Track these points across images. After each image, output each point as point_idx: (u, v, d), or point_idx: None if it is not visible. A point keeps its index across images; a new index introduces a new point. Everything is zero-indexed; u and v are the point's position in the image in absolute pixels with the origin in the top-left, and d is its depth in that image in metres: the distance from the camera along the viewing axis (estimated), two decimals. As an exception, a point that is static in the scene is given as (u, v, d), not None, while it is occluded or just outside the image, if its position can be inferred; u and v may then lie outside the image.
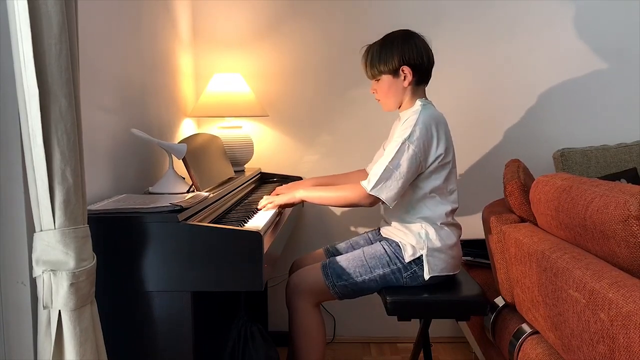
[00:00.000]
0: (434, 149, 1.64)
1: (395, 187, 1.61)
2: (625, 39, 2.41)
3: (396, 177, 1.60)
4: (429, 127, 1.63)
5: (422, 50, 1.72)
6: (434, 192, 1.69)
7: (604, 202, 1.14)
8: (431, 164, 1.65)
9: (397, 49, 1.71)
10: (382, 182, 1.61)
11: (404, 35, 1.74)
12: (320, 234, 2.50)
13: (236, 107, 2.26)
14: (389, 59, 1.71)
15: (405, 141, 1.61)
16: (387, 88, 1.75)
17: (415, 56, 1.71)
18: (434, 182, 1.68)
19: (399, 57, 1.70)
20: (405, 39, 1.73)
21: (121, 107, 1.65)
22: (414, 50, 1.71)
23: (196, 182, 1.62)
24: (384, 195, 1.61)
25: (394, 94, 1.75)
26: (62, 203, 1.01)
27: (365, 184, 1.63)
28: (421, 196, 1.69)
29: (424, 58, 1.73)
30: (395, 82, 1.74)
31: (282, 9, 2.45)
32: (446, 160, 1.68)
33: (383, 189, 1.61)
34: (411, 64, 1.71)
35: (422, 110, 1.68)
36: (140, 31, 1.85)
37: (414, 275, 1.68)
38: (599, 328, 1.03)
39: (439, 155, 1.65)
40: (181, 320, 1.27)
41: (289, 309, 1.73)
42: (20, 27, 0.96)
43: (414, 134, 1.61)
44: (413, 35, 1.75)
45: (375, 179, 1.61)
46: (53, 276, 1.02)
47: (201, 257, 1.25)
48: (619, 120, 2.44)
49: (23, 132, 1.00)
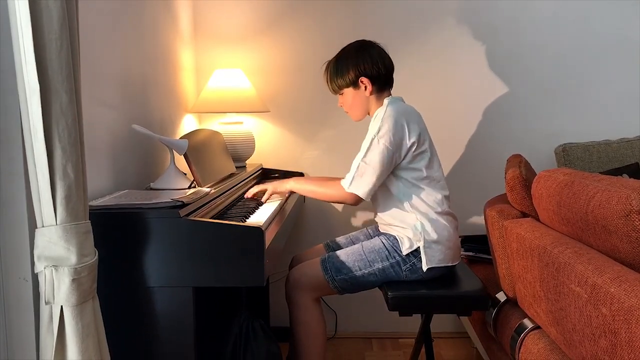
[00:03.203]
0: (406, 140, 1.67)
1: (370, 182, 1.66)
2: (628, 34, 2.40)
3: (369, 172, 1.65)
4: (397, 119, 1.67)
5: (376, 59, 1.77)
6: (419, 181, 1.71)
7: (605, 197, 1.13)
8: (406, 154, 1.68)
9: (351, 62, 1.76)
10: (357, 178, 1.67)
11: (357, 47, 1.80)
12: (320, 229, 2.51)
13: (237, 102, 2.26)
14: (344, 73, 1.77)
15: (375, 136, 1.66)
16: (351, 100, 1.81)
17: (370, 66, 1.75)
18: (415, 172, 1.71)
19: (354, 70, 1.76)
20: (359, 51, 1.78)
21: (122, 102, 1.65)
22: (368, 60, 1.76)
23: (197, 177, 1.62)
24: (360, 191, 1.67)
25: (359, 104, 1.81)
26: (64, 199, 1.01)
27: (344, 183, 1.69)
28: (408, 187, 1.71)
29: (380, 66, 1.76)
30: (357, 93, 1.79)
31: (282, 4, 2.44)
32: (421, 149, 1.70)
33: (359, 185, 1.67)
34: (367, 74, 1.75)
35: (389, 105, 1.72)
36: (141, 27, 1.84)
37: (413, 268, 1.69)
38: (601, 323, 1.03)
39: (411, 145, 1.67)
40: (183, 315, 1.27)
41: (289, 304, 1.74)
42: (21, 23, 0.95)
43: (382, 128, 1.66)
44: (367, 46, 1.79)
45: (350, 177, 1.68)
46: (55, 272, 1.02)
47: (203, 252, 1.25)
48: (621, 115, 2.43)
49: (24, 128, 1.00)
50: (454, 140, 2.46)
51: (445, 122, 2.42)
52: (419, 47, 2.42)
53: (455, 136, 2.45)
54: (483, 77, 2.44)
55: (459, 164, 2.48)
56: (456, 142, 2.46)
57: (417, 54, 2.44)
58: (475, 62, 2.43)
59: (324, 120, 2.49)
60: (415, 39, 2.42)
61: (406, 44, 2.43)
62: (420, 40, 2.43)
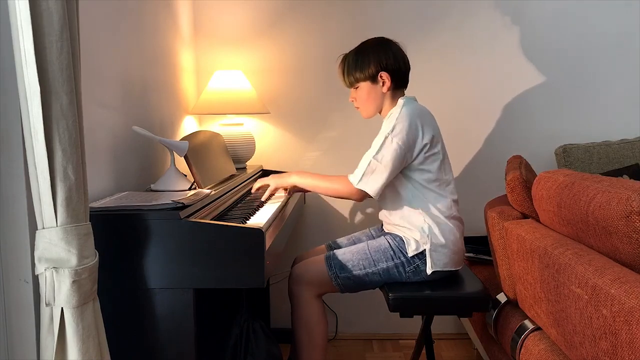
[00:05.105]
0: (419, 141, 1.66)
1: (380, 180, 1.64)
2: (628, 35, 2.40)
3: (380, 170, 1.64)
4: (412, 119, 1.66)
5: (398, 56, 1.76)
6: (430, 184, 1.70)
7: (606, 198, 1.13)
8: (417, 155, 1.67)
9: (373, 55, 1.75)
10: (367, 175, 1.65)
11: (379, 42, 1.79)
12: (322, 230, 2.51)
13: (237, 104, 2.26)
14: (365, 66, 1.75)
15: (389, 135, 1.64)
16: (366, 95, 1.78)
17: (392, 62, 1.75)
18: (426, 174, 1.69)
19: (376, 64, 1.74)
20: (381, 46, 1.77)
21: (122, 104, 1.65)
22: (390, 56, 1.75)
23: (198, 179, 1.62)
24: (369, 188, 1.65)
25: (373, 100, 1.79)
26: (64, 200, 1.01)
27: (352, 178, 1.67)
28: (418, 189, 1.70)
29: (400, 63, 1.76)
30: (374, 88, 1.77)
31: (282, 5, 2.45)
32: (433, 151, 1.69)
33: (368, 182, 1.65)
34: (389, 69, 1.74)
35: (405, 105, 1.71)
36: (141, 28, 1.85)
37: (416, 270, 1.69)
38: (602, 324, 1.03)
39: (423, 146, 1.66)
40: (183, 317, 1.27)
41: (291, 300, 1.74)
42: (22, 24, 0.95)
43: (396, 127, 1.64)
44: (388, 42, 1.79)
45: (360, 173, 1.66)
46: (55, 273, 1.02)
47: (203, 254, 1.25)
48: (621, 116, 2.43)
49: (24, 130, 1.00)
50: (454, 141, 2.44)
51: (444, 123, 2.39)
52: (418, 49, 2.42)
53: (455, 137, 2.44)
54: (483, 78, 2.44)
55: (459, 164, 2.48)
56: (456, 143, 2.45)
57: (416, 55, 2.43)
58: (475, 64, 2.43)
59: (324, 122, 2.49)
60: (415, 41, 2.42)
61: (406, 45, 2.39)
62: (420, 42, 2.43)
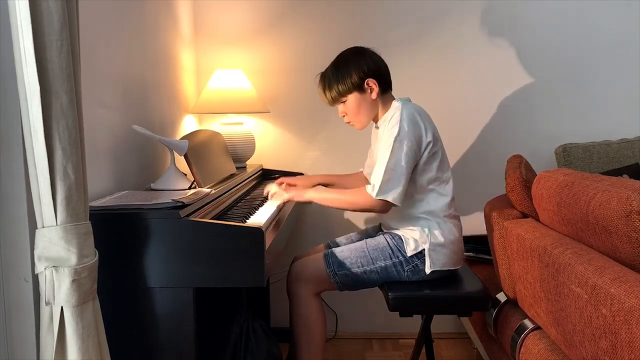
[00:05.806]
0: (424, 139, 1.65)
1: (399, 186, 1.61)
2: (628, 34, 2.40)
3: (397, 176, 1.61)
4: (415, 119, 1.65)
5: (376, 60, 1.75)
6: (431, 184, 1.70)
7: (606, 197, 1.13)
8: (422, 154, 1.66)
9: (353, 64, 1.72)
10: (385, 184, 1.61)
11: (354, 51, 1.77)
12: (321, 230, 2.51)
13: (237, 103, 2.26)
14: (347, 76, 1.71)
15: (397, 139, 1.62)
16: (356, 106, 1.74)
17: (373, 66, 1.72)
18: (428, 174, 1.69)
19: (358, 71, 1.71)
20: (358, 54, 1.75)
21: (122, 103, 1.65)
22: (370, 61, 1.73)
23: (198, 178, 1.62)
24: (391, 197, 1.61)
25: (365, 109, 1.75)
26: (64, 199, 1.01)
27: (370, 190, 1.63)
28: (420, 190, 1.70)
29: (381, 66, 1.75)
30: (364, 97, 1.74)
31: (283, 4, 2.45)
32: (435, 149, 1.68)
33: (388, 191, 1.61)
34: (373, 75, 1.71)
35: (403, 106, 1.68)
36: (141, 28, 1.84)
37: (415, 269, 1.69)
38: (601, 323, 1.03)
39: (428, 144, 1.66)
40: (183, 316, 1.27)
41: (290, 297, 1.74)
42: (21, 24, 0.95)
43: (402, 129, 1.62)
44: (363, 49, 1.77)
45: (378, 183, 1.61)
46: (55, 272, 1.02)
47: (203, 253, 1.25)
48: (621, 116, 2.43)
49: (24, 129, 1.00)
50: (453, 141, 2.45)
51: (444, 122, 2.39)
52: (418, 49, 2.42)
53: (455, 137, 2.44)
54: (482, 78, 2.44)
55: (459, 164, 2.48)
56: (456, 142, 2.45)
57: (416, 55, 2.44)
58: (475, 64, 2.43)
59: (324, 121, 2.49)
60: (415, 41, 2.42)
61: (406, 45, 2.43)
62: (420, 42, 2.43)
